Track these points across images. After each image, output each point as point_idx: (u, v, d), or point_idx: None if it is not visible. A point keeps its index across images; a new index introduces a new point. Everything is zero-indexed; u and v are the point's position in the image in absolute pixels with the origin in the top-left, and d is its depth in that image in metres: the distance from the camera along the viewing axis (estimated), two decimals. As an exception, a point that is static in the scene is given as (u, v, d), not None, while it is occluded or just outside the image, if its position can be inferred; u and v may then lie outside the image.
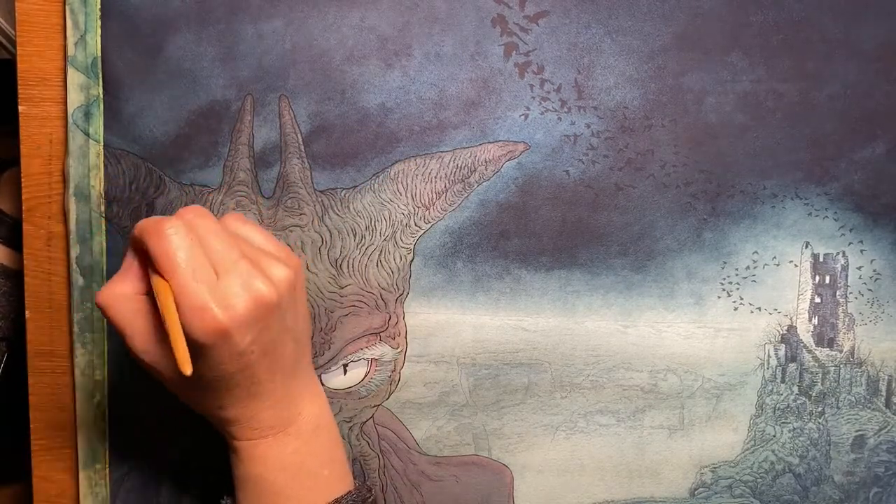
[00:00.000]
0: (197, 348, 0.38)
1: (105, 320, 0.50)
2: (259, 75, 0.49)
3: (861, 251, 0.53)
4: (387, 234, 0.50)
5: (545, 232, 0.51)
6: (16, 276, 0.53)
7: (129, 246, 0.41)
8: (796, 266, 0.53)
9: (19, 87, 0.48)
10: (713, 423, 0.54)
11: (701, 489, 0.54)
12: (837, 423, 0.55)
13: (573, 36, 0.50)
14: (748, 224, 0.52)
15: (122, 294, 0.39)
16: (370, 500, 0.44)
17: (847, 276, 0.53)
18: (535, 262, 0.51)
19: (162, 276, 0.38)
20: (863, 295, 0.54)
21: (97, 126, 0.49)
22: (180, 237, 0.38)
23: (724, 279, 0.53)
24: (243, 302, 0.38)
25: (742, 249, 0.52)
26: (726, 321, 0.53)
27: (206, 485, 0.52)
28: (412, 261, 0.51)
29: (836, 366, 0.54)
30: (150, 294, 0.39)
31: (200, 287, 0.37)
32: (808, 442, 0.55)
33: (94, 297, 0.39)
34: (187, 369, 0.36)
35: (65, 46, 0.48)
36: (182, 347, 0.37)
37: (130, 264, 0.40)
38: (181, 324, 0.37)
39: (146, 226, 0.39)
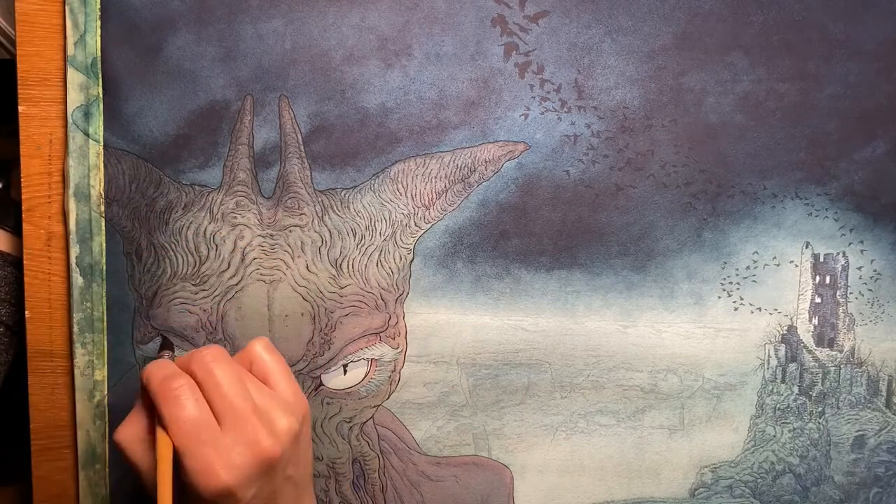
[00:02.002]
0: None
1: (105, 322, 0.50)
2: (259, 75, 0.49)
3: (861, 251, 0.53)
4: (387, 234, 0.50)
5: (545, 232, 0.51)
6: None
7: (140, 385, 0.42)
8: (797, 266, 0.53)
9: (19, 87, 0.48)
10: (713, 424, 0.54)
11: (701, 489, 0.54)
12: (838, 423, 0.55)
13: (573, 36, 0.50)
14: (748, 224, 0.52)
15: (136, 435, 0.41)
16: None
17: (847, 276, 0.53)
18: (535, 262, 0.51)
19: (166, 432, 0.39)
20: (863, 295, 0.54)
21: (97, 126, 0.49)
22: (186, 397, 0.39)
23: (725, 279, 0.53)
24: (247, 461, 0.39)
25: (742, 249, 0.52)
26: (726, 321, 0.53)
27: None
28: (412, 261, 0.51)
29: (836, 366, 0.54)
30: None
31: (205, 449, 0.39)
32: (809, 442, 0.54)
33: (113, 436, 0.42)
34: None
35: (65, 46, 0.48)
36: None
37: (139, 405, 0.42)
38: (187, 482, 0.39)
39: (153, 381, 0.40)
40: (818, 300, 0.53)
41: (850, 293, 0.54)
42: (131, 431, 0.41)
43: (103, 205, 0.49)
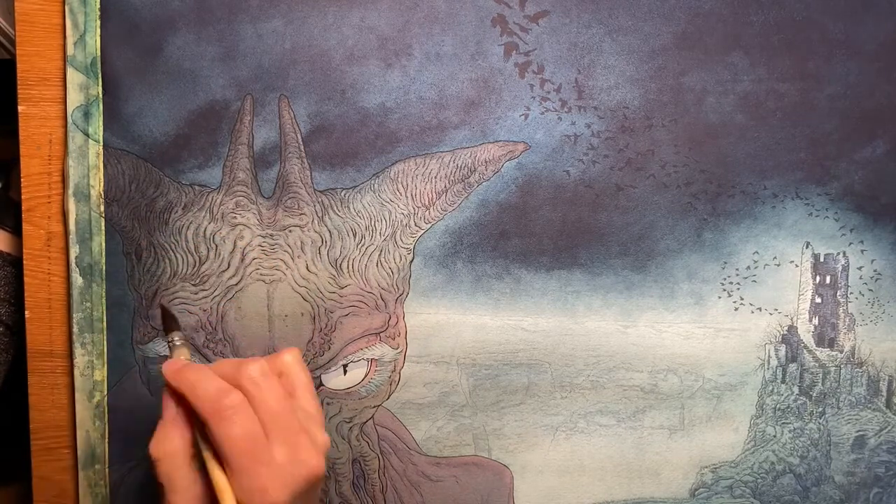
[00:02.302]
0: None
1: (105, 322, 0.50)
2: (259, 75, 0.49)
3: (861, 251, 0.53)
4: (387, 234, 0.50)
5: (545, 232, 0.51)
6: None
7: (164, 391, 0.41)
8: (797, 266, 0.53)
9: (19, 87, 0.48)
10: (713, 424, 0.54)
11: (701, 489, 0.54)
12: (838, 423, 0.55)
13: (573, 36, 0.50)
14: (748, 224, 0.52)
15: (175, 451, 0.40)
16: None
17: (847, 276, 0.53)
18: (535, 262, 0.51)
19: (220, 465, 0.39)
20: (863, 295, 0.54)
21: (97, 126, 0.49)
22: (240, 416, 0.39)
23: (725, 279, 0.53)
24: (299, 479, 0.39)
25: (742, 249, 0.52)
26: (727, 321, 0.53)
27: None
28: (412, 261, 0.51)
29: (836, 366, 0.54)
30: (197, 446, 0.40)
31: (260, 469, 0.39)
32: (809, 442, 0.54)
33: (149, 449, 0.40)
34: None
35: (64, 46, 0.48)
36: None
37: (175, 413, 0.41)
38: (240, 500, 0.39)
39: (202, 396, 0.39)
40: (818, 300, 0.53)
41: (851, 293, 0.54)
42: (168, 447, 0.40)
43: (103, 205, 0.49)
